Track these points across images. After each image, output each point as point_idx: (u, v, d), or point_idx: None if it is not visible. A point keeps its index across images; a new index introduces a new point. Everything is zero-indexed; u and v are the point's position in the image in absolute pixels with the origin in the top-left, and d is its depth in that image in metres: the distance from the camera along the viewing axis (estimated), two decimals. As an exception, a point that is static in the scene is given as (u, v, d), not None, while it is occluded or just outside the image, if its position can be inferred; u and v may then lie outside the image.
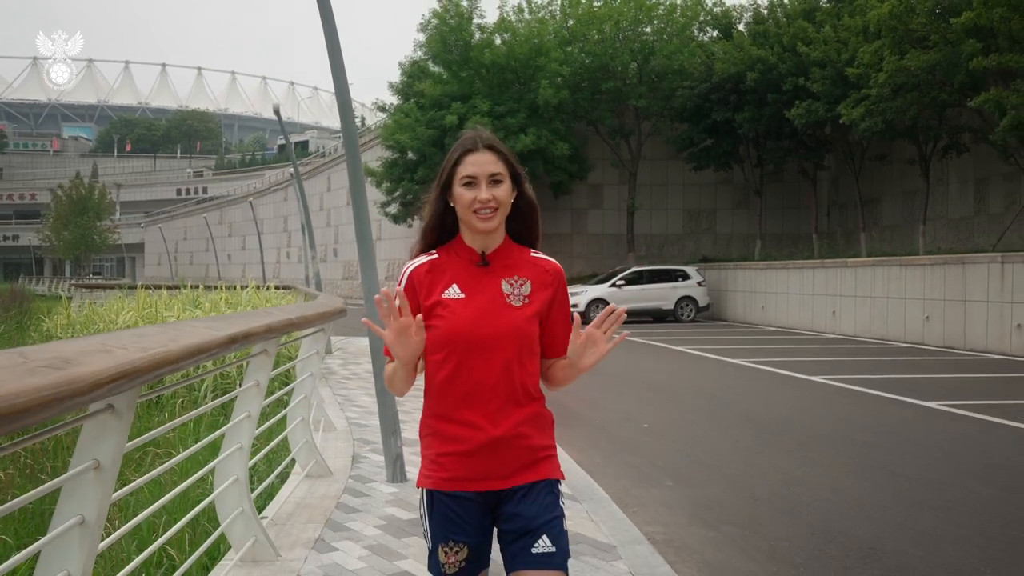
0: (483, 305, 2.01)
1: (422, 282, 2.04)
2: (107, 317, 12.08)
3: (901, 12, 16.04)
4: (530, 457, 2.03)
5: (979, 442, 7.25)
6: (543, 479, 2.04)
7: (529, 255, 2.11)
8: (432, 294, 2.03)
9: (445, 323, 2.00)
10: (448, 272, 2.04)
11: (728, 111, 22.53)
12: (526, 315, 2.03)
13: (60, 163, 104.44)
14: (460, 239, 2.09)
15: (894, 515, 5.08)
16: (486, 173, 1.99)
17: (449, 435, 2.01)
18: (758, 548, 4.52)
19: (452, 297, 2.02)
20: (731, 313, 23.34)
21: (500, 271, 2.06)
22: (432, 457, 2.04)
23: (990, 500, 5.45)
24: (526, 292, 2.05)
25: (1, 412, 1.48)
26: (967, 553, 4.39)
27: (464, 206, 2.00)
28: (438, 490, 2.01)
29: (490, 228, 2.01)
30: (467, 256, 2.06)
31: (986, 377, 11.64)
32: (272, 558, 3.96)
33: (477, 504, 2.02)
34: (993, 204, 19.60)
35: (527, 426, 2.03)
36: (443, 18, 24.64)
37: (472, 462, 1.99)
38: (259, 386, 4.06)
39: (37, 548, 2.18)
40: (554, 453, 2.09)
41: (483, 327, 1.99)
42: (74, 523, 2.21)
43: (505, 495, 2.03)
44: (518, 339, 2.01)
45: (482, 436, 1.98)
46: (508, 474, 2.01)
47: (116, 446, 2.31)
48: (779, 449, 7.00)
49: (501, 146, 2.06)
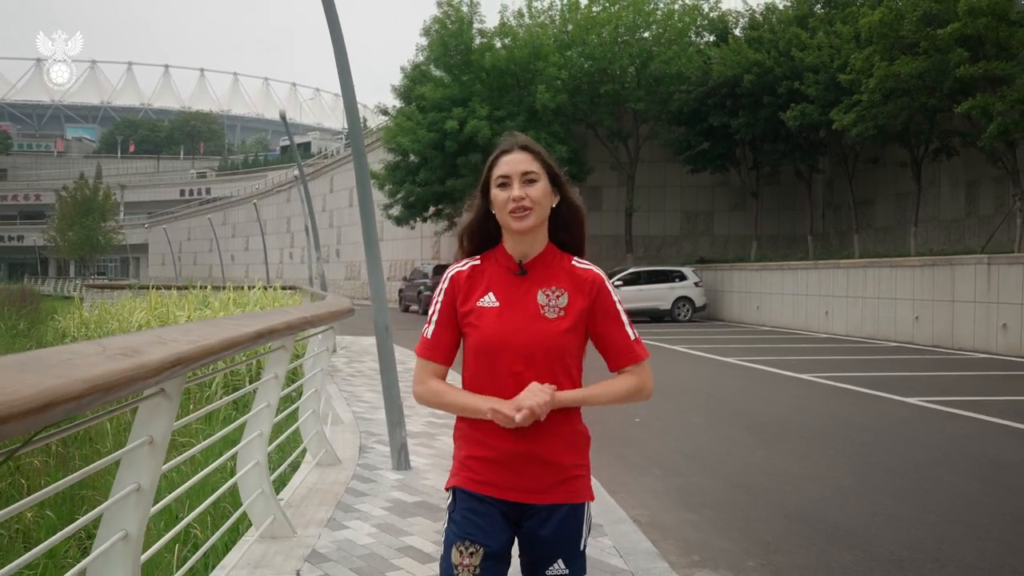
0: (516, 316, 1.97)
1: (461, 287, 2.03)
2: (120, 316, 12.46)
3: (891, 20, 16.45)
4: (559, 475, 1.98)
5: (949, 434, 7.65)
6: (570, 503, 1.99)
7: (569, 263, 2.06)
8: (468, 300, 2.02)
9: (477, 332, 1.98)
10: (486, 279, 2.03)
11: (724, 115, 22.97)
12: (561, 328, 1.97)
13: (64, 164, 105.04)
14: (502, 246, 2.06)
15: (861, 499, 5.50)
16: (519, 172, 1.97)
17: (478, 439, 1.99)
18: (733, 528, 4.93)
19: (486, 305, 2.00)
20: (727, 313, 23.75)
21: (538, 281, 2.01)
22: (461, 459, 2.04)
23: (951, 484, 5.85)
24: (563, 304, 1.99)
25: (100, 387, 1.89)
26: (924, 532, 4.80)
27: (500, 207, 1.98)
28: (463, 488, 1.99)
29: (525, 228, 1.96)
30: (506, 263, 2.03)
31: (968, 375, 12.04)
32: (289, 534, 4.37)
33: (500, 511, 1.98)
34: (983, 206, 20.01)
35: (556, 442, 1.97)
36: (444, 23, 25.08)
37: (498, 470, 1.97)
38: (277, 378, 4.47)
39: (100, 511, 2.59)
40: (586, 473, 2.04)
41: (513, 338, 1.95)
42: (131, 489, 2.62)
43: (530, 510, 1.98)
44: (550, 352, 1.96)
45: (509, 446, 1.95)
46: (535, 489, 1.97)
47: (166, 425, 2.72)
48: (761, 441, 7.40)
49: (537, 147, 2.04)
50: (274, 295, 14.68)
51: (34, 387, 1.65)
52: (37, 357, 1.91)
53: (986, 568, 4.23)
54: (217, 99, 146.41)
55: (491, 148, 9.92)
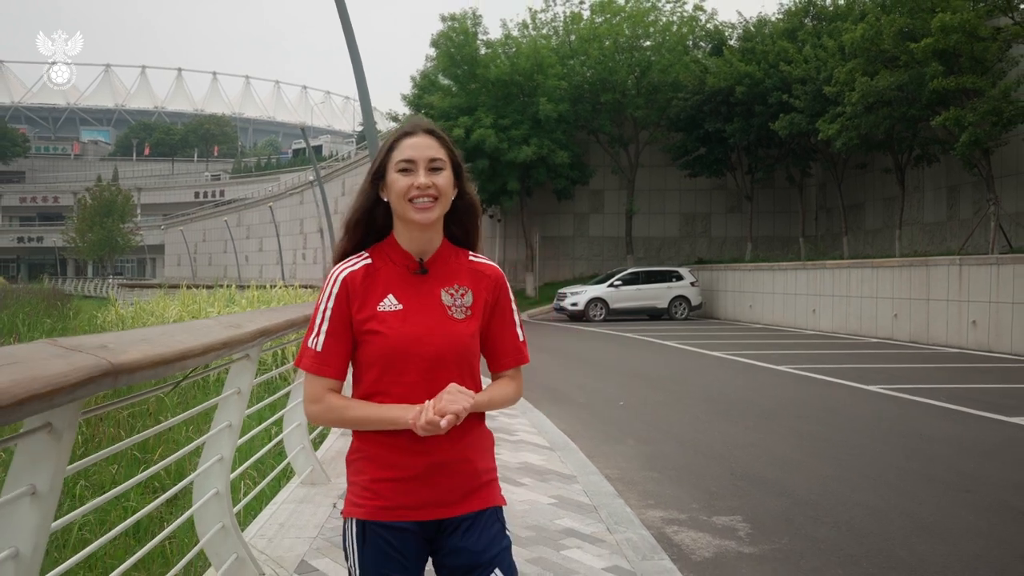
0: (423, 319, 1.81)
1: (356, 291, 1.82)
2: (155, 313, 13.58)
3: (872, 35, 17.49)
4: (474, 482, 1.86)
5: (889, 414, 8.73)
6: (488, 507, 1.88)
7: (467, 259, 1.91)
8: (366, 306, 1.82)
9: (381, 340, 1.80)
10: (382, 279, 1.84)
11: (719, 122, 24.07)
12: (470, 330, 1.85)
13: (80, 166, 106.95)
14: (393, 240, 1.88)
15: (793, 461, 6.60)
16: (425, 157, 1.80)
17: (386, 460, 1.81)
18: (687, 483, 6.03)
19: (388, 309, 1.81)
20: (722, 312, 24.83)
21: (439, 279, 1.86)
22: (364, 483, 1.84)
23: (883, 453, 6.93)
24: (467, 303, 1.86)
25: (224, 344, 3.01)
26: (839, 484, 5.90)
27: (399, 194, 1.79)
28: (372, 520, 1.81)
29: (427, 220, 1.80)
30: (402, 261, 1.85)
31: (931, 367, 13.08)
32: (325, 481, 5.49)
33: (415, 535, 1.83)
34: (963, 210, 21.02)
35: (470, 449, 1.86)
36: (449, 36, 26.26)
37: (413, 488, 1.81)
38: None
39: (202, 441, 3.72)
40: (496, 476, 1.94)
41: (425, 344, 1.80)
42: (224, 426, 3.74)
43: (447, 525, 1.85)
44: (462, 356, 1.83)
45: (424, 460, 1.80)
46: (451, 501, 1.84)
47: (249, 380, 3.84)
48: (726, 420, 8.50)
49: (443, 133, 1.88)
50: (294, 293, 15.88)
51: (197, 341, 2.78)
52: (190, 326, 3.05)
53: (883, 508, 5.31)
54: (229, 102, 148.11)
55: (497, 154, 11.79)
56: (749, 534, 4.80)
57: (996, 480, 6.02)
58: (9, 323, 14.33)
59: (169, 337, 2.60)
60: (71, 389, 1.84)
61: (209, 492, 3.54)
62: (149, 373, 2.29)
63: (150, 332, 2.63)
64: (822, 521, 5.03)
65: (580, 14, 27.73)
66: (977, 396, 9.70)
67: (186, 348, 2.56)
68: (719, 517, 5.14)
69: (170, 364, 2.42)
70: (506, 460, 6.16)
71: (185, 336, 2.70)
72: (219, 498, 3.57)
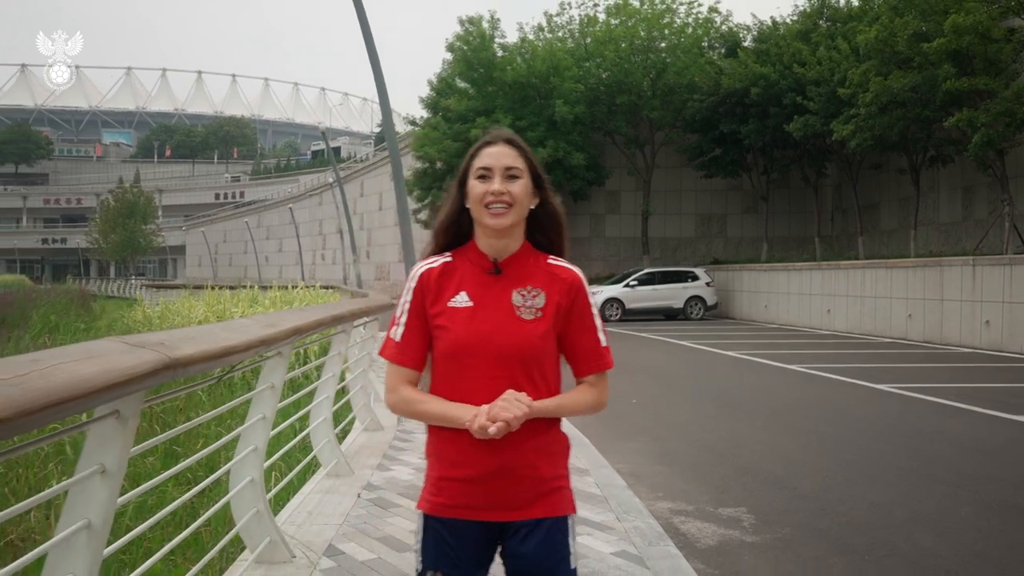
0: (490, 317, 1.86)
1: (431, 287, 1.92)
2: (181, 313, 13.92)
3: (886, 37, 17.60)
4: (539, 488, 1.87)
5: (894, 412, 8.91)
6: (552, 516, 1.88)
7: (546, 262, 1.94)
8: (439, 301, 1.90)
9: (447, 334, 1.86)
10: (457, 277, 1.91)
11: (734, 123, 24.22)
12: (538, 331, 1.86)
13: (103, 168, 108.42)
14: (473, 243, 1.95)
15: (798, 458, 6.82)
16: (502, 165, 1.87)
17: (452, 459, 1.87)
18: (695, 478, 6.27)
19: (458, 306, 1.88)
20: (737, 312, 24.97)
21: (512, 280, 1.90)
22: (433, 480, 1.91)
23: (887, 451, 7.13)
24: (539, 304, 1.88)
25: (266, 341, 3.30)
26: (839, 478, 6.12)
27: (475, 199, 1.87)
28: (434, 516, 1.88)
29: (501, 225, 1.85)
30: (479, 262, 1.91)
31: (942, 367, 13.20)
32: (349, 473, 5.78)
33: (477, 535, 1.87)
34: (978, 210, 21.05)
35: (535, 453, 1.86)
36: (466, 40, 26.57)
37: (475, 490, 1.85)
38: (340, 355, 5.91)
39: (237, 433, 4.00)
40: (566, 484, 1.94)
41: (490, 341, 1.84)
42: (259, 418, 4.03)
43: (509, 528, 1.87)
44: (526, 356, 1.85)
45: (488, 462, 1.83)
46: (513, 505, 1.86)
47: (281, 376, 4.13)
48: (735, 418, 8.73)
49: (522, 143, 1.94)
50: (315, 293, 16.22)
51: (240, 338, 3.06)
52: (230, 325, 3.34)
53: (884, 502, 5.53)
54: (248, 104, 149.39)
55: None
56: (753, 524, 5.04)
57: (997, 477, 6.21)
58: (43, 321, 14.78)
59: (215, 335, 2.89)
60: (139, 380, 2.13)
61: (244, 480, 3.78)
62: (200, 367, 2.58)
63: (198, 331, 2.93)
64: (824, 513, 5.25)
65: (595, 17, 27.96)
66: (985, 395, 9.86)
67: (231, 344, 2.85)
68: (724, 509, 5.37)
69: (218, 359, 2.71)
70: (521, 454, 6.42)
71: (229, 334, 2.99)
72: (253, 485, 3.82)
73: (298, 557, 4.03)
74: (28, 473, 5.24)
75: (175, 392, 3.00)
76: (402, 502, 5.05)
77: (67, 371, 1.85)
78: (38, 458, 5.67)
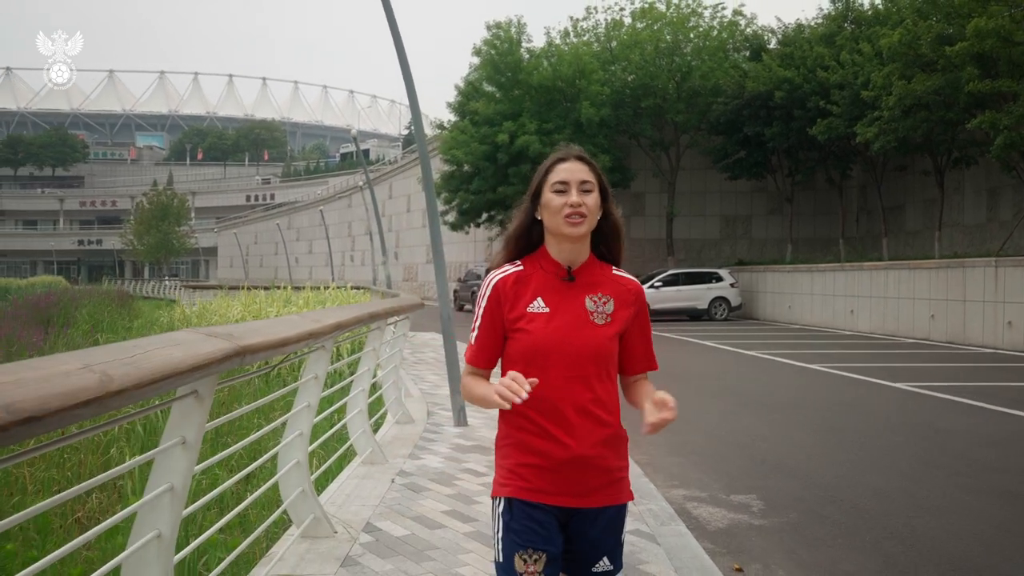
0: (567, 321, 2.02)
1: (507, 294, 2.06)
2: (219, 312, 14.43)
3: (910, 40, 17.72)
4: (606, 478, 2.04)
5: (915, 410, 9.15)
6: (615, 504, 2.07)
7: (611, 272, 2.12)
8: (516, 306, 2.05)
9: (529, 337, 2.02)
10: (532, 284, 2.06)
11: (759, 125, 24.39)
12: (608, 334, 2.05)
13: (136, 171, 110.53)
14: (545, 251, 2.10)
15: (819, 454, 7.12)
16: (577, 180, 2.03)
17: (531, 448, 2.02)
18: (709, 468, 6.59)
19: (536, 311, 2.03)
20: (761, 312, 25.13)
21: (584, 287, 2.06)
22: (511, 467, 2.05)
23: (897, 443, 7.41)
24: (609, 310, 2.06)
25: (314, 334, 3.71)
26: (850, 469, 6.42)
27: (554, 211, 2.02)
28: (518, 498, 2.02)
29: (578, 234, 2.02)
30: (552, 270, 2.07)
31: (962, 366, 13.35)
32: (383, 461, 6.18)
33: (553, 516, 2.02)
34: (1003, 212, 21.06)
35: (605, 446, 2.03)
36: (493, 44, 26.99)
37: (552, 477, 2.00)
38: (374, 350, 6.33)
39: (284, 420, 4.42)
40: (627, 474, 2.12)
41: (567, 344, 2.00)
42: (304, 407, 4.44)
43: (578, 513, 2.04)
44: (600, 357, 2.03)
45: (564, 453, 1.99)
46: (583, 493, 2.02)
47: (324, 367, 4.54)
48: (752, 414, 9.02)
49: (591, 160, 2.11)
50: (347, 294, 16.71)
51: (293, 331, 3.47)
52: (283, 320, 3.76)
53: (888, 490, 5.82)
54: (278, 107, 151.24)
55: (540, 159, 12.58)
56: (761, 510, 5.37)
57: (1000, 468, 6.47)
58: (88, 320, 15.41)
59: (273, 328, 3.30)
60: (216, 363, 2.53)
61: (291, 462, 4.19)
62: (262, 354, 2.99)
63: (258, 324, 3.34)
64: (831, 500, 5.57)
65: (621, 21, 28.25)
66: (999, 393, 10.06)
67: (286, 336, 3.26)
68: (736, 496, 5.70)
69: (276, 348, 3.12)
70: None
71: (283, 327, 3.40)
72: (299, 467, 4.22)
73: (339, 533, 4.43)
74: (89, 459, 5.69)
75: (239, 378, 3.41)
76: (433, 487, 5.44)
77: (162, 355, 2.25)
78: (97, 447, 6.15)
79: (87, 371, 1.86)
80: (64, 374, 1.78)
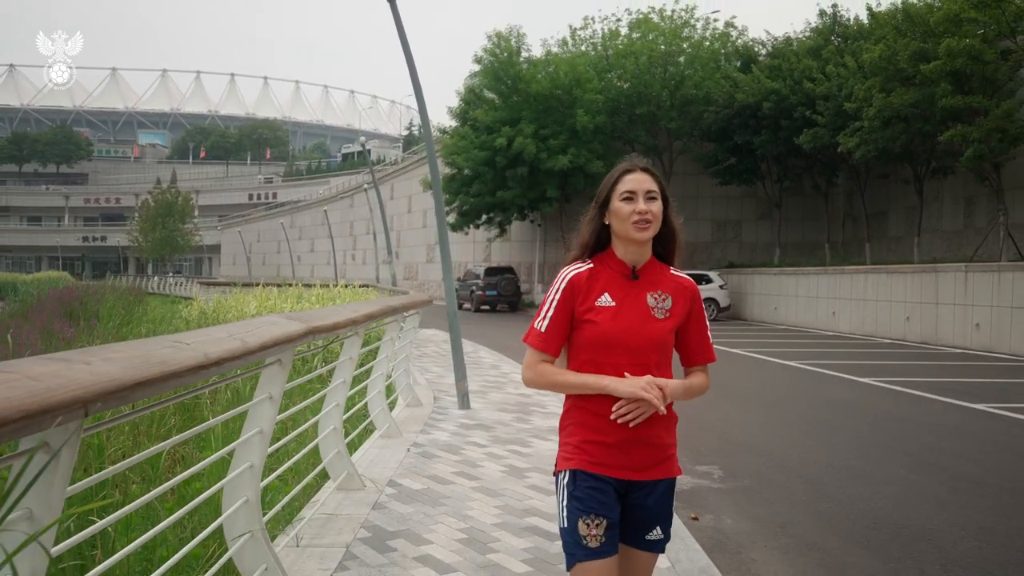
0: (632, 315, 2.22)
1: (581, 288, 2.25)
2: (235, 307, 15.28)
3: (889, 55, 18.73)
4: (661, 454, 2.26)
5: (877, 401, 10.13)
6: (668, 478, 2.29)
7: (670, 272, 2.33)
8: (587, 300, 2.24)
9: (597, 328, 2.21)
10: (601, 281, 2.26)
11: (748, 134, 25.44)
12: (667, 327, 2.25)
13: (140, 169, 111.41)
14: (612, 252, 2.29)
15: (782, 436, 8.10)
16: (643, 189, 2.22)
17: (594, 426, 2.22)
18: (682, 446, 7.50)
19: (604, 305, 2.22)
20: (749, 313, 26.15)
21: (646, 285, 2.26)
22: (576, 444, 2.25)
23: (855, 428, 8.38)
24: (668, 306, 2.26)
25: (352, 321, 4.67)
26: (819, 453, 7.40)
27: (623, 217, 2.22)
28: (582, 470, 2.21)
29: (644, 237, 2.22)
30: (619, 269, 2.27)
31: (929, 364, 14.34)
32: (399, 435, 7.15)
33: (613, 488, 2.21)
34: (979, 219, 22.09)
35: (661, 426, 2.25)
36: (493, 53, 28.00)
37: (614, 453, 2.20)
38: (392, 340, 7.31)
39: (322, 394, 5.40)
40: (675, 451, 2.34)
41: (631, 336, 2.20)
42: (340, 382, 5.41)
43: (635, 485, 2.24)
44: (660, 348, 2.23)
45: (623, 432, 2.19)
46: (641, 467, 2.23)
47: (357, 351, 5.51)
48: (729, 403, 9.97)
49: (655, 171, 2.30)
50: (354, 291, 17.68)
51: (340, 318, 4.45)
52: (328, 309, 4.74)
53: (836, 464, 6.78)
54: (279, 106, 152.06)
55: (536, 162, 14.66)
56: (720, 477, 6.35)
57: (939, 449, 7.44)
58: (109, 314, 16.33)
59: (326, 315, 4.28)
60: (297, 338, 3.52)
61: (330, 427, 5.18)
62: (324, 334, 3.98)
63: (316, 312, 4.33)
64: (783, 471, 6.53)
65: (618, 31, 29.27)
66: (959, 388, 11.05)
67: (337, 321, 4.24)
68: (701, 466, 6.68)
69: (332, 331, 4.11)
70: (538, 424, 7.77)
71: (335, 315, 4.38)
72: (336, 432, 5.21)
73: (368, 486, 5.41)
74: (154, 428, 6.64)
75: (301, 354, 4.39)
76: (443, 455, 6.42)
77: (268, 331, 3.23)
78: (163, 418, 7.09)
79: (232, 339, 2.85)
80: (220, 339, 2.78)
